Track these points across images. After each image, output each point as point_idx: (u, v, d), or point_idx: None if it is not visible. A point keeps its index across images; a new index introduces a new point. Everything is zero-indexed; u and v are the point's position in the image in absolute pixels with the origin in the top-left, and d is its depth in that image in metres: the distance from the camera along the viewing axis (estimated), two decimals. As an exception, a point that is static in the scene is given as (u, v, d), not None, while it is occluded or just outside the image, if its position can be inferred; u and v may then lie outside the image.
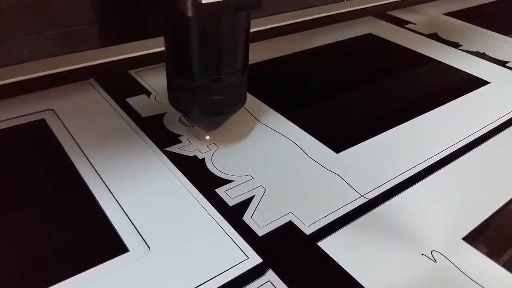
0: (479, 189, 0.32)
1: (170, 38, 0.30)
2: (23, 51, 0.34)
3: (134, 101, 0.39)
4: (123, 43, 0.41)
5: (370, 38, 0.57)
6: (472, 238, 0.28)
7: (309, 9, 0.61)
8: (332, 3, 0.58)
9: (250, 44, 0.54)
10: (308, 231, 0.28)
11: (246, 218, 0.28)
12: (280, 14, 0.58)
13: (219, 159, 0.33)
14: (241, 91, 0.32)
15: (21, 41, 0.34)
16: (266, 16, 0.50)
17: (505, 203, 0.31)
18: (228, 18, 0.28)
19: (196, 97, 0.31)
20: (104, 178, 0.31)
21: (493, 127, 0.39)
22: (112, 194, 0.29)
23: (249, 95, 0.41)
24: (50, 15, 0.35)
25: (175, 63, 0.31)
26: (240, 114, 0.39)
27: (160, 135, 0.35)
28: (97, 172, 0.31)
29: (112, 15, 0.38)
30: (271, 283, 0.24)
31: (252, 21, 0.58)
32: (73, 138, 0.34)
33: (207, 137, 0.35)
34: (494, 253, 0.27)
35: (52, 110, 0.37)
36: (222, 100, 0.31)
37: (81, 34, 0.37)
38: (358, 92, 0.45)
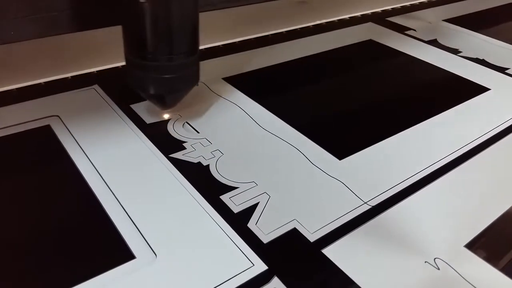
0: (480, 196, 0.33)
1: (125, 22, 0.33)
2: (11, 32, 0.34)
3: (139, 107, 0.39)
4: (99, 28, 0.41)
5: (370, 44, 0.57)
6: (474, 246, 0.28)
7: (309, 15, 0.61)
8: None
9: (250, 51, 0.54)
10: (312, 238, 0.28)
11: (251, 225, 0.29)
12: (281, 22, 0.58)
13: (223, 166, 0.33)
14: (191, 71, 0.35)
15: (10, 23, 0.34)
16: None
17: (506, 210, 0.31)
18: (175, 3, 0.31)
19: (149, 75, 0.34)
20: (110, 184, 0.31)
21: (493, 133, 0.40)
22: (118, 201, 0.30)
23: (251, 102, 0.42)
24: (36, 1, 0.35)
25: (130, 45, 0.33)
26: (244, 121, 0.39)
27: (165, 142, 0.35)
28: (103, 178, 0.31)
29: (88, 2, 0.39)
30: (277, 290, 0.25)
31: (253, 28, 0.58)
32: (78, 144, 0.34)
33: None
34: (496, 260, 0.27)
35: (57, 116, 0.37)
36: (173, 79, 0.34)
37: (61, 19, 0.37)
38: (359, 99, 0.45)
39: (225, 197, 0.31)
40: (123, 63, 0.46)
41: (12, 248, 0.26)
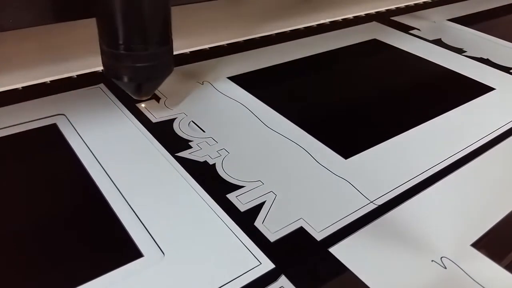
0: (487, 195, 0.33)
1: (99, 12, 0.34)
2: (10, 20, 0.34)
3: (144, 107, 0.40)
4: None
5: (374, 44, 0.57)
6: (481, 245, 0.28)
7: (313, 15, 0.61)
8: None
9: (255, 50, 0.54)
10: (319, 237, 0.28)
11: (258, 223, 0.29)
12: (285, 21, 0.58)
13: (229, 165, 0.33)
14: (164, 61, 0.36)
15: (9, 11, 0.34)
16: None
17: (512, 209, 0.31)
18: None
19: (123, 65, 0.35)
20: (117, 182, 0.31)
21: (499, 133, 0.40)
22: (125, 199, 0.30)
23: (256, 101, 0.42)
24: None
25: (104, 35, 0.34)
26: (249, 120, 0.39)
27: (171, 140, 0.36)
28: (109, 177, 0.31)
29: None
30: (284, 288, 0.25)
31: (256, 27, 0.58)
32: (85, 143, 0.34)
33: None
34: (503, 259, 0.27)
35: (64, 115, 0.38)
36: (147, 68, 0.35)
37: (58, 7, 0.37)
38: (363, 99, 0.45)
39: (231, 196, 0.31)
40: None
41: (19, 245, 0.27)
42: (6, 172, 0.32)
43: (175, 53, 0.49)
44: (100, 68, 0.45)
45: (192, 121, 0.38)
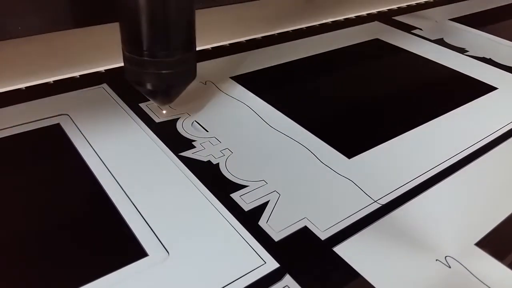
0: (491, 195, 0.33)
1: (123, 18, 0.34)
2: (18, 27, 0.34)
3: (147, 106, 0.40)
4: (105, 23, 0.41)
5: (376, 43, 0.57)
6: (485, 244, 0.28)
7: (315, 14, 0.61)
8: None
9: (257, 50, 0.54)
10: (323, 236, 0.28)
11: (262, 223, 0.29)
12: (286, 20, 0.59)
13: (233, 165, 0.33)
14: (188, 67, 0.36)
15: (18, 18, 0.34)
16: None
17: (516, 208, 0.31)
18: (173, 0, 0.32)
19: (147, 71, 0.34)
20: (121, 182, 0.31)
21: (502, 132, 0.40)
22: (129, 198, 0.30)
23: (259, 100, 0.42)
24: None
25: (128, 40, 0.34)
26: (252, 119, 0.39)
27: (174, 140, 0.36)
28: (113, 176, 0.31)
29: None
30: (289, 287, 0.25)
31: (259, 27, 0.59)
32: (89, 142, 0.34)
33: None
34: (507, 258, 0.27)
35: (67, 115, 0.38)
36: (171, 74, 0.34)
37: (68, 14, 0.38)
38: (366, 98, 0.45)
39: (235, 196, 0.31)
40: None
41: (23, 245, 0.27)
42: (10, 172, 0.32)
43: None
44: (102, 68, 0.45)
45: (196, 121, 0.38)
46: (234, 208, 0.30)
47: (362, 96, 0.46)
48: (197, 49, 0.53)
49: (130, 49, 0.34)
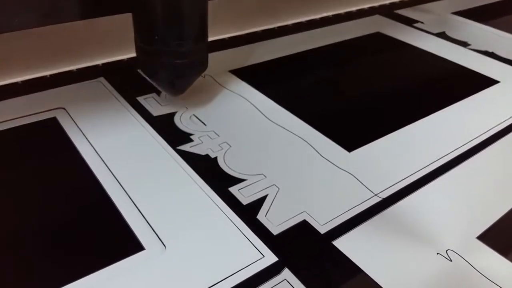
0: (492, 188, 0.32)
1: (137, 9, 0.34)
2: (15, 19, 0.34)
3: (145, 100, 0.39)
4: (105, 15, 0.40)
5: (378, 37, 0.57)
6: (487, 237, 0.28)
7: (317, 8, 0.61)
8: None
9: (257, 44, 0.54)
10: (322, 230, 0.28)
11: (260, 217, 0.28)
12: (287, 14, 0.58)
13: (231, 158, 0.33)
14: (200, 57, 0.36)
15: (14, 11, 0.34)
16: None
17: (518, 202, 0.31)
18: None
19: (160, 61, 0.34)
20: (117, 176, 0.31)
21: (504, 126, 0.39)
22: (126, 192, 0.29)
23: (258, 94, 0.41)
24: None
25: (141, 31, 0.34)
26: (251, 113, 0.39)
27: (172, 134, 0.35)
28: (110, 170, 0.31)
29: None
30: (288, 281, 0.24)
31: (259, 20, 0.58)
32: (85, 137, 0.34)
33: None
34: (509, 252, 0.27)
35: (63, 108, 0.37)
36: (183, 64, 0.34)
37: (66, 7, 0.37)
38: (367, 91, 0.45)
39: (233, 189, 0.30)
40: (129, 56, 0.46)
41: (19, 239, 0.26)
42: (5, 166, 0.32)
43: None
44: (100, 62, 0.45)
45: (194, 115, 0.38)
46: (232, 202, 0.29)
47: (362, 90, 0.45)
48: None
49: (143, 39, 0.34)
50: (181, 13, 0.32)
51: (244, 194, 0.30)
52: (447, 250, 0.27)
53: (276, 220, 0.28)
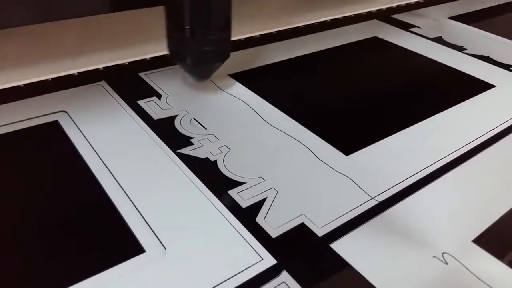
0: (488, 192, 0.33)
1: (169, 1, 0.37)
2: (11, 17, 0.34)
3: (146, 104, 0.40)
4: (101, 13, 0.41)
5: (375, 41, 0.57)
6: (482, 241, 0.28)
7: (314, 12, 0.61)
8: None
9: (256, 48, 0.54)
10: (320, 233, 0.28)
11: (259, 219, 0.29)
12: (285, 18, 0.58)
13: (230, 161, 0.34)
14: (225, 45, 0.40)
15: (10, 7, 0.34)
16: None
17: (513, 205, 0.31)
18: None
19: (189, 48, 0.38)
20: (118, 178, 0.31)
21: (499, 130, 0.40)
22: (127, 195, 0.30)
23: (258, 98, 0.42)
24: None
25: (173, 20, 0.38)
26: (250, 117, 0.39)
27: (172, 137, 0.36)
28: (111, 173, 0.31)
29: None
30: (286, 284, 0.25)
31: (257, 25, 0.59)
32: (87, 140, 0.34)
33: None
34: (504, 255, 0.27)
35: (65, 112, 0.38)
36: (210, 51, 0.38)
37: (62, 4, 0.37)
38: (364, 95, 0.45)
39: (233, 192, 0.31)
40: (130, 60, 0.47)
41: (20, 241, 0.27)
42: (8, 169, 0.32)
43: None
44: (101, 65, 0.45)
45: (194, 118, 0.38)
46: (231, 205, 0.30)
47: (360, 94, 0.46)
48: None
49: (174, 28, 0.38)
50: (208, 6, 0.36)
51: (243, 197, 0.30)
52: (443, 253, 0.27)
53: (275, 223, 0.29)
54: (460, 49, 0.56)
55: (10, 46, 0.41)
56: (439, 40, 0.58)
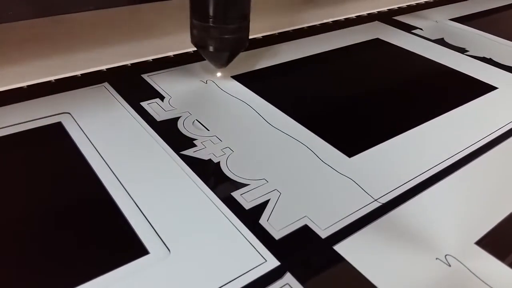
0: (491, 194, 0.33)
1: None
2: (9, 12, 0.34)
3: (149, 105, 0.40)
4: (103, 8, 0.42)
5: (377, 43, 0.57)
6: (485, 242, 0.28)
7: (316, 14, 0.61)
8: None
9: (258, 49, 0.55)
10: (323, 234, 0.28)
11: (263, 221, 0.29)
12: (287, 20, 0.59)
13: (234, 163, 0.34)
14: (244, 35, 0.42)
15: (8, 2, 0.34)
16: None
17: (516, 208, 0.31)
18: None
19: (212, 36, 0.41)
20: (122, 180, 0.31)
21: (502, 132, 0.40)
22: (131, 196, 0.30)
23: (260, 99, 0.42)
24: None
25: (196, 10, 0.41)
26: (253, 118, 0.39)
27: (175, 139, 0.36)
28: (115, 175, 0.31)
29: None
30: (289, 285, 0.25)
31: (259, 27, 0.59)
32: (90, 141, 0.35)
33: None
34: (507, 257, 0.27)
35: (68, 113, 0.38)
36: (232, 39, 0.41)
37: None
38: (366, 97, 0.45)
39: (236, 194, 0.31)
40: (133, 61, 0.47)
41: (23, 242, 0.27)
42: (11, 170, 0.32)
43: (178, 52, 0.50)
44: (104, 67, 0.45)
45: (197, 120, 0.38)
46: (235, 207, 0.30)
47: (362, 96, 0.46)
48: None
49: (197, 17, 0.40)
50: None
51: (246, 198, 0.30)
52: (446, 255, 0.27)
53: (278, 224, 0.29)
54: (462, 50, 0.56)
55: (12, 47, 0.41)
56: (441, 41, 0.58)
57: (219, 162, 0.34)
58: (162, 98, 0.41)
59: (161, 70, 0.46)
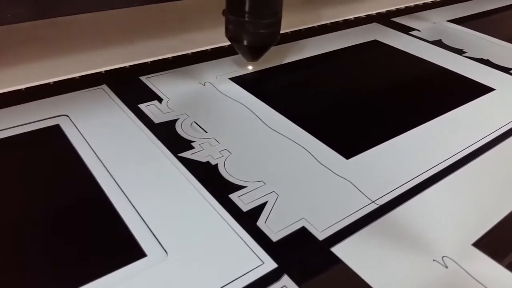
0: (488, 195, 0.33)
1: None
2: (8, 14, 0.34)
3: (147, 107, 0.40)
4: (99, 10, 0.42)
5: (375, 45, 0.57)
6: (482, 244, 0.28)
7: (314, 15, 0.61)
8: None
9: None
10: (321, 236, 0.28)
11: (260, 223, 0.29)
12: (286, 22, 0.59)
13: (231, 165, 0.34)
14: (276, 29, 0.44)
15: (7, 4, 0.34)
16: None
17: (513, 209, 0.32)
18: None
19: (246, 30, 0.43)
20: (120, 182, 0.31)
21: (499, 133, 0.40)
22: (128, 199, 0.30)
23: (258, 101, 0.42)
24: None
25: (232, 5, 0.43)
26: (251, 120, 0.39)
27: (173, 141, 0.36)
28: (113, 177, 0.32)
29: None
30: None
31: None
32: (88, 144, 0.35)
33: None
34: (504, 259, 0.28)
35: (66, 115, 0.38)
36: (266, 34, 0.43)
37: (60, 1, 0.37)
38: (364, 99, 0.46)
39: (233, 196, 0.31)
40: (131, 63, 0.47)
41: (21, 245, 0.27)
42: (10, 173, 0.32)
43: (175, 54, 0.50)
44: (102, 69, 0.45)
45: (194, 122, 0.38)
46: (232, 209, 0.30)
47: (360, 97, 0.46)
48: (197, 50, 0.54)
49: (233, 12, 0.42)
50: None
51: (244, 201, 0.31)
52: (443, 257, 0.27)
53: (276, 226, 0.29)
54: (459, 52, 0.56)
55: (10, 49, 0.41)
56: (438, 43, 0.58)
57: (217, 164, 0.34)
58: (160, 100, 0.41)
59: (159, 72, 0.46)
